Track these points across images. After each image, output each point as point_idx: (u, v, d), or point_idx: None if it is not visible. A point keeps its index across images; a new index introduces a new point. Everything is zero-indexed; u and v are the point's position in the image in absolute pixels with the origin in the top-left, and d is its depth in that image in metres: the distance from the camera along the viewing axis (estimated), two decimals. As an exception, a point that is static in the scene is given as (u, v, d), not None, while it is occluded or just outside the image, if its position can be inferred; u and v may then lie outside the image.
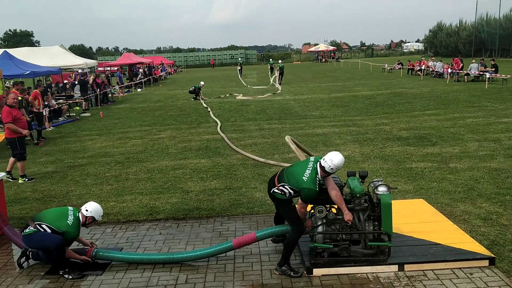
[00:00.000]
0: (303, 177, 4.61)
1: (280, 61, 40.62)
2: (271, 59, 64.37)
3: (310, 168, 4.66)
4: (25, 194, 8.08)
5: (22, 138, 8.97)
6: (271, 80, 33.35)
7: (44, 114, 15.05)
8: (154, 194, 7.71)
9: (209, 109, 18.26)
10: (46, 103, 16.36)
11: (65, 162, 10.55)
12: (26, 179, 8.97)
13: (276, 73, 32.78)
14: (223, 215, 6.62)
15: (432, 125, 12.53)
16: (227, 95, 24.11)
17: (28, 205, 7.47)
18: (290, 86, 27.94)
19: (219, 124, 14.49)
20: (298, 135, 12.03)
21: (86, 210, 5.12)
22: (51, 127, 15.90)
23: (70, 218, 5.01)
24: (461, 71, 27.23)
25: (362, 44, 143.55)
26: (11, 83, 16.53)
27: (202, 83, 24.69)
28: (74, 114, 19.31)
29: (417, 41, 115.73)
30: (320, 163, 4.68)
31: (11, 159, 9.08)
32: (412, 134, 11.42)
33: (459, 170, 8.11)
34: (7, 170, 9.00)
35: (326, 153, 4.77)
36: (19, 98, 11.12)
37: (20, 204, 7.54)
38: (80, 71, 26.10)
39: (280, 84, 29.88)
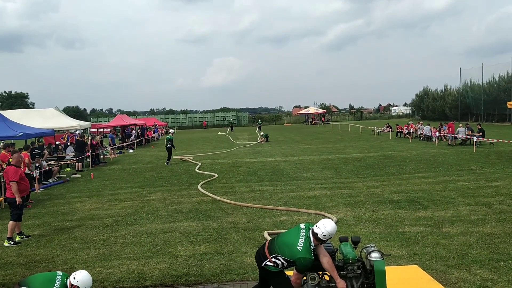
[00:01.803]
0: (297, 247, 4.48)
1: (262, 133, 42.22)
2: (259, 120, 73.17)
3: (303, 237, 4.55)
4: (10, 259, 7.81)
5: (22, 198, 8.98)
6: (258, 137, 35.64)
7: (35, 175, 14.90)
8: (142, 259, 7.49)
9: (198, 166, 18.34)
10: (37, 164, 16.26)
11: (52, 225, 10.31)
12: (12, 243, 8.73)
13: (259, 134, 37.03)
14: (213, 281, 6.41)
15: (423, 188, 12.54)
16: (180, 159, 23.63)
17: (12, 270, 7.20)
18: (281, 148, 28.18)
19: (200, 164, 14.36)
20: (289, 197, 11.96)
21: (74, 278, 4.92)
22: (40, 189, 15.70)
23: (57, 284, 4.80)
24: (448, 135, 27.77)
25: (351, 107, 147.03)
26: (1, 144, 16.48)
27: (171, 130, 24.91)
28: (65, 176, 19.13)
29: (405, 104, 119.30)
30: (312, 230, 4.60)
31: (10, 223, 8.88)
32: (403, 197, 11.39)
33: (452, 235, 8.03)
34: (8, 236, 8.78)
35: (319, 219, 4.72)
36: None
37: (3, 269, 7.27)
38: (78, 132, 26.21)
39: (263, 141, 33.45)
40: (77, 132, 26.23)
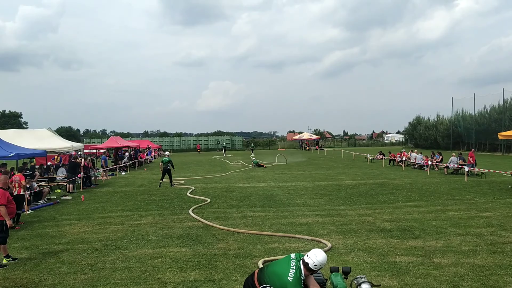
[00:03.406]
0: (288, 277, 4.42)
1: (253, 157, 42.73)
2: (252, 144, 77.23)
3: (294, 267, 4.49)
4: (-6, 283, 7.65)
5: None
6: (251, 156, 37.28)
7: (25, 197, 14.73)
8: (131, 285, 7.38)
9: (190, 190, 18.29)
10: (27, 186, 16.11)
11: (40, 248, 10.15)
12: (-3, 266, 8.57)
13: (252, 158, 38.18)
14: (202, 310, 6.30)
15: (414, 217, 12.52)
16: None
17: (-4, 295, 7.04)
18: (274, 173, 28.14)
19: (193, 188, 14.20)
20: (281, 224, 11.89)
21: None
22: (30, 211, 15.51)
23: None
24: (440, 164, 27.91)
25: (345, 134, 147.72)
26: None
27: (167, 153, 25.01)
28: (55, 197, 18.93)
29: (398, 132, 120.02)
30: (303, 260, 4.56)
31: None
32: (395, 226, 11.37)
33: (443, 266, 8.00)
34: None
35: (310, 248, 4.70)
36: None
37: (-13, 293, 7.12)
38: (73, 153, 26.07)
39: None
40: (72, 153, 26.09)
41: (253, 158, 39.18)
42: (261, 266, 7.66)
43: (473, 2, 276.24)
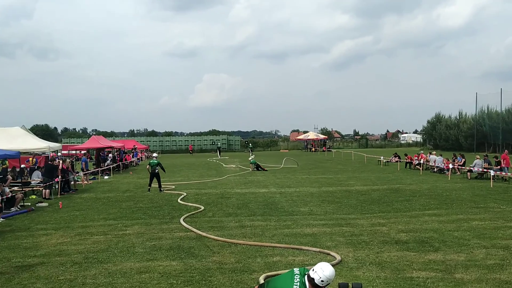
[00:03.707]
0: None
1: (252, 156, 43.07)
2: (250, 144, 76.66)
3: (298, 283, 4.48)
4: (-39, 300, 7.63)
5: None
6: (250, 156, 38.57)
7: (-5, 203, 14.71)
8: (114, 303, 7.36)
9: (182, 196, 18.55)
10: (-2, 190, 16.10)
11: (13, 261, 10.11)
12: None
13: (250, 160, 38.08)
14: (194, 331, 6.30)
15: (433, 227, 12.52)
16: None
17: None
18: (276, 177, 28.22)
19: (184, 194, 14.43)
20: (284, 234, 11.89)
21: None
22: (1, 219, 15.50)
23: None
24: (463, 167, 27.89)
25: (356, 133, 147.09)
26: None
27: (155, 154, 24.88)
28: (29, 204, 18.89)
29: (415, 132, 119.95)
30: (308, 275, 4.55)
31: None
32: (412, 237, 11.37)
33: (465, 282, 8.00)
34: None
35: (316, 261, 4.69)
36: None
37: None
38: (50, 154, 26.04)
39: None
40: (49, 154, 26.06)
41: (252, 158, 39.25)
42: (262, 282, 7.63)
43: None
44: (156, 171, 22.12)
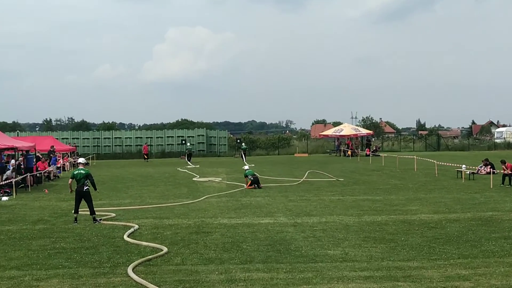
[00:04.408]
0: None
1: (243, 144, 35.06)
2: (243, 144, 55.04)
3: None
4: None
5: None
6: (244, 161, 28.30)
7: None
8: None
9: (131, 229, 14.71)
10: None
11: None
12: None
13: (244, 170, 27.48)
14: None
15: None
16: None
17: None
18: (287, 199, 21.82)
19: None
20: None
21: None
22: None
23: None
24: None
25: (420, 126, 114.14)
26: None
27: (81, 160, 18.49)
28: None
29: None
30: None
31: None
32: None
33: None
34: None
35: None
36: None
37: None
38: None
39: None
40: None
41: (247, 168, 28.45)
42: None
43: None
44: (86, 188, 16.89)
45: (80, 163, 17.96)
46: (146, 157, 54.20)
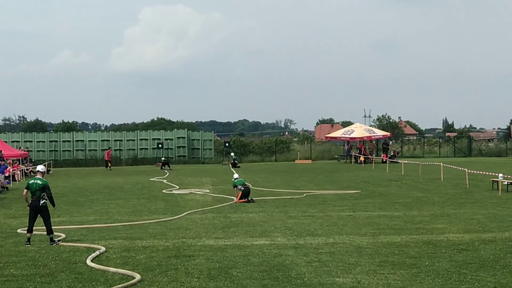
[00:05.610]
0: None
1: (232, 153, 33.68)
2: (232, 153, 50.74)
3: None
4: None
5: None
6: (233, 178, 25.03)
7: None
8: None
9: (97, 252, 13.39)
10: None
11: None
12: None
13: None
14: None
15: None
16: None
17: None
18: (286, 215, 19.94)
19: None
20: None
21: None
22: None
23: None
24: None
25: (448, 127, 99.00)
26: None
27: (41, 168, 16.42)
28: None
29: None
30: None
31: None
32: None
33: None
34: None
35: None
36: None
37: None
38: None
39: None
40: None
41: (236, 177, 25.37)
42: None
43: None
44: (42, 202, 14.99)
45: (38, 171, 16.01)
46: (109, 164, 47.49)
